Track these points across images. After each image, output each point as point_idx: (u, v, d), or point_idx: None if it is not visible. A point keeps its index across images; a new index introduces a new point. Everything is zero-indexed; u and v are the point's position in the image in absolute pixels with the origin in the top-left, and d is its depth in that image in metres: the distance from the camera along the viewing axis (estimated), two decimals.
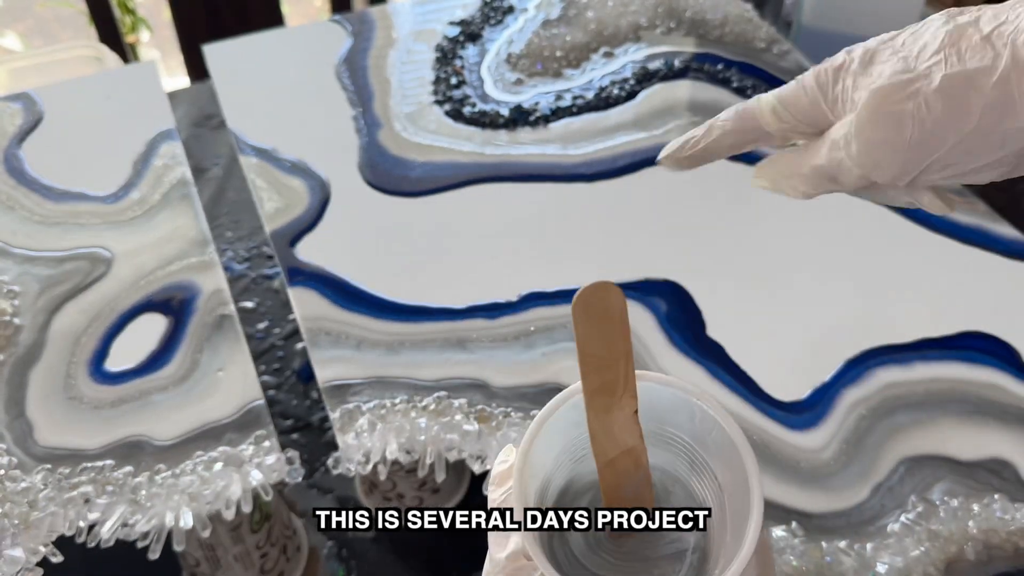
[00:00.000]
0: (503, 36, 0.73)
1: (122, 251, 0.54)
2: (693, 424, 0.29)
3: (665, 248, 0.54)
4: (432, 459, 0.44)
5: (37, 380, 0.47)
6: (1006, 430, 0.44)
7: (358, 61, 0.70)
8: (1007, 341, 0.48)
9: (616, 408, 0.27)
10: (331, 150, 0.62)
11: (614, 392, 0.27)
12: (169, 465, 0.43)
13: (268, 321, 0.67)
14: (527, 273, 0.52)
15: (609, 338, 0.26)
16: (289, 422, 0.60)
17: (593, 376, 0.27)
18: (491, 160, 0.61)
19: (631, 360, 0.27)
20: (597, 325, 0.26)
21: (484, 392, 0.46)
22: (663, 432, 0.30)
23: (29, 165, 0.61)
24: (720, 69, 0.68)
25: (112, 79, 0.70)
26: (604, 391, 0.27)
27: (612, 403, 0.27)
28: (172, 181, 0.59)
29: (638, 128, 0.63)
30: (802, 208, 0.56)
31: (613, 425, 0.27)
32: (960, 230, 0.54)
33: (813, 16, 0.77)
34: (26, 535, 0.41)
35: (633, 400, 0.27)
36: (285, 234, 0.55)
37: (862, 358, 0.47)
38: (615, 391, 0.27)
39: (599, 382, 0.27)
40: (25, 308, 0.51)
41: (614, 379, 0.27)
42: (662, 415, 0.29)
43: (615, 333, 0.26)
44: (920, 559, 0.40)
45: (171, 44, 1.53)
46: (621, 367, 0.27)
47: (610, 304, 0.26)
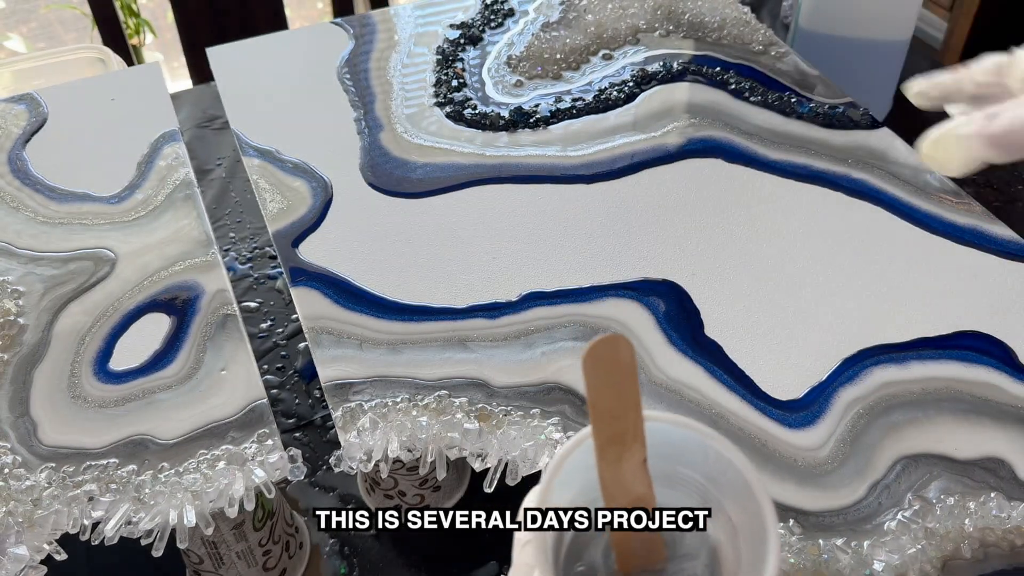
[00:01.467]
0: (503, 39, 0.73)
1: (126, 251, 0.55)
2: (707, 464, 0.29)
3: (663, 248, 0.54)
4: (433, 457, 0.44)
5: (41, 379, 0.47)
6: (1002, 429, 0.44)
7: (360, 64, 0.71)
8: (1003, 341, 0.48)
9: (627, 457, 0.28)
10: (333, 151, 0.62)
11: (624, 442, 0.27)
12: (172, 463, 0.43)
13: (271, 321, 0.67)
14: (527, 273, 0.53)
15: (619, 389, 0.27)
16: (291, 421, 0.60)
17: (604, 427, 0.27)
18: (491, 161, 0.61)
19: (640, 410, 0.28)
20: (607, 377, 0.27)
21: (484, 391, 0.46)
22: (675, 473, 0.30)
23: (33, 166, 0.61)
24: (718, 71, 0.68)
25: (116, 81, 0.71)
26: (615, 441, 0.27)
27: (623, 452, 0.28)
28: (175, 182, 0.59)
29: (637, 130, 0.63)
30: (800, 208, 0.57)
31: (624, 474, 0.28)
32: (956, 230, 0.55)
33: (810, 19, 0.77)
34: (30, 533, 0.41)
35: (642, 449, 0.28)
36: (288, 234, 0.56)
37: (859, 357, 0.48)
38: (625, 440, 0.27)
39: (610, 433, 0.27)
40: (29, 308, 0.51)
41: (624, 429, 0.27)
42: (675, 455, 0.29)
43: (625, 384, 0.27)
44: (917, 556, 0.40)
45: (174, 47, 1.54)
46: (631, 417, 0.27)
47: (620, 356, 0.26)
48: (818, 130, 0.63)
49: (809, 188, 0.58)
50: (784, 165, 0.60)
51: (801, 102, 0.65)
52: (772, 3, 1.00)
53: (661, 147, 0.62)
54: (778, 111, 0.65)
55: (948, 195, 0.57)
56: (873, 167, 0.60)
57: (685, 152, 0.61)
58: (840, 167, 0.60)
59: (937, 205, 0.57)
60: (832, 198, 0.58)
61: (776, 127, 0.63)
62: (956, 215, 0.56)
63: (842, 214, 0.56)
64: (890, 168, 0.60)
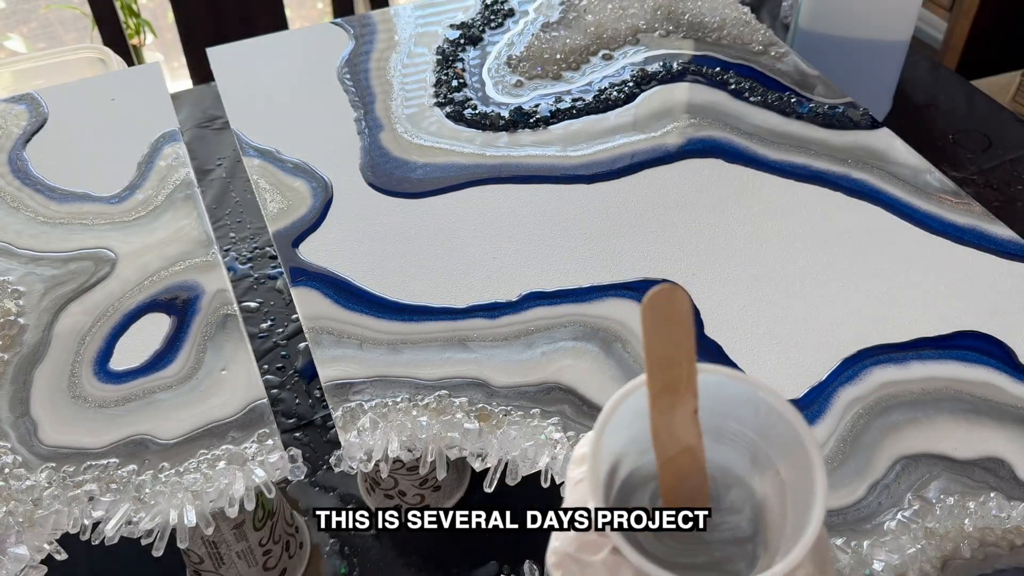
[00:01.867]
0: (503, 39, 0.73)
1: (126, 251, 0.55)
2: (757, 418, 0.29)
3: (664, 248, 0.54)
4: (433, 457, 0.44)
5: (42, 379, 0.47)
6: (1002, 429, 0.44)
7: (360, 64, 0.71)
8: (1003, 341, 0.48)
9: (679, 406, 0.28)
10: (333, 151, 0.62)
11: (677, 390, 0.28)
12: (173, 463, 0.43)
13: (271, 321, 0.67)
14: (527, 273, 0.53)
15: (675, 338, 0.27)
16: (292, 421, 0.60)
17: (658, 375, 0.28)
18: (491, 162, 0.61)
19: (694, 360, 0.28)
20: (664, 326, 0.27)
21: (484, 391, 0.46)
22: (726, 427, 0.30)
23: (34, 166, 0.62)
24: (718, 71, 0.68)
25: (116, 81, 0.71)
26: (668, 390, 0.28)
27: (675, 401, 0.28)
28: (176, 182, 0.59)
29: (637, 130, 0.63)
30: (800, 208, 0.57)
31: (675, 423, 0.28)
32: (956, 230, 0.55)
33: (810, 19, 0.77)
34: (30, 533, 0.41)
35: (694, 399, 0.28)
36: (288, 234, 0.56)
37: (858, 357, 0.48)
38: (678, 389, 0.28)
39: (664, 381, 0.28)
40: (30, 308, 0.51)
41: (677, 378, 0.28)
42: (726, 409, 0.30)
43: (681, 333, 0.27)
44: (916, 556, 0.40)
45: (174, 47, 1.54)
46: (684, 366, 0.28)
47: (677, 306, 0.27)
48: (818, 130, 0.63)
49: (809, 188, 0.58)
50: (784, 165, 0.60)
51: (801, 102, 0.65)
52: (772, 3, 1.01)
53: (661, 147, 0.62)
54: (778, 111, 0.65)
55: (948, 195, 0.57)
56: (873, 167, 0.60)
57: (685, 152, 0.61)
58: (840, 167, 0.60)
59: (937, 205, 0.57)
60: (832, 198, 0.58)
61: (776, 127, 0.63)
62: (956, 215, 0.56)
63: (842, 214, 0.56)
64: (890, 168, 0.60)
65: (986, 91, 0.88)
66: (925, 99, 0.87)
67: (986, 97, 0.87)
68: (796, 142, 0.62)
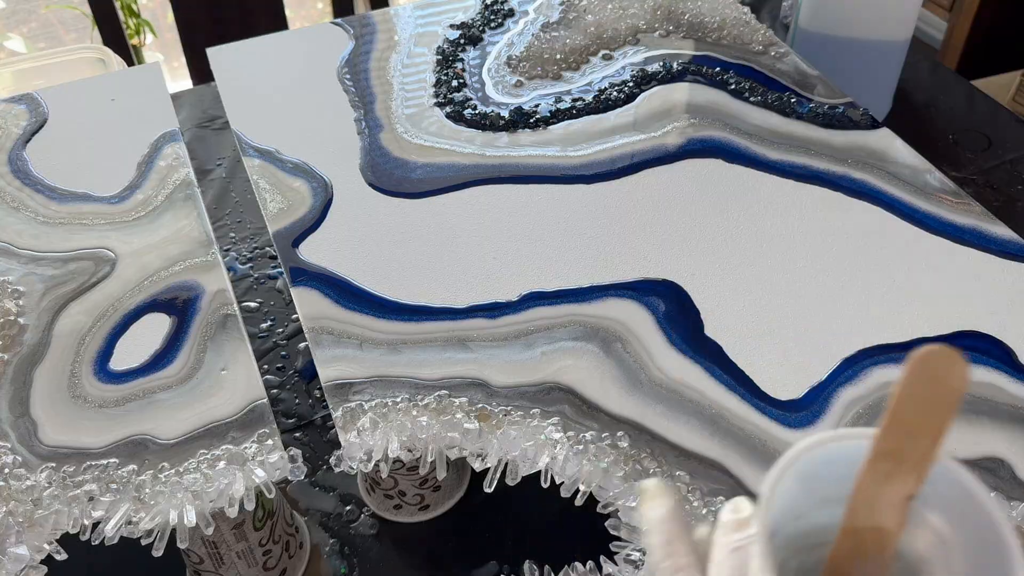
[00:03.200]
0: (503, 39, 0.73)
1: (126, 251, 0.55)
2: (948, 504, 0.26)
3: (663, 248, 0.54)
4: (433, 457, 0.44)
5: (42, 379, 0.47)
6: (1002, 429, 0.44)
7: (360, 64, 0.71)
8: (1003, 341, 0.48)
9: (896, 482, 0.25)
10: (333, 152, 0.62)
11: (902, 463, 0.25)
12: (173, 463, 0.43)
13: (271, 321, 0.67)
14: (527, 273, 0.53)
15: (932, 408, 0.24)
16: (292, 421, 0.60)
17: (891, 437, 0.25)
18: (491, 162, 0.61)
19: (940, 442, 0.25)
20: (927, 389, 0.24)
21: (484, 391, 0.46)
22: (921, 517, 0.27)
23: (34, 166, 0.62)
24: (718, 71, 0.68)
25: (116, 81, 0.71)
26: (893, 457, 0.25)
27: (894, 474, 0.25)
28: (176, 182, 0.59)
29: (637, 130, 0.63)
30: (800, 208, 0.57)
31: (881, 496, 0.25)
32: (956, 230, 0.55)
33: (810, 19, 0.77)
34: (30, 533, 0.41)
35: (916, 484, 0.25)
36: (288, 235, 0.56)
37: (858, 357, 0.48)
38: (904, 463, 0.25)
39: (894, 445, 0.25)
40: (30, 308, 0.51)
41: (911, 452, 0.25)
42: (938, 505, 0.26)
43: (942, 407, 0.24)
44: None
45: (174, 47, 1.54)
46: (926, 445, 0.25)
47: (952, 377, 0.24)
48: (818, 130, 0.63)
49: (809, 188, 0.58)
50: (784, 165, 0.60)
51: (801, 102, 0.65)
52: (772, 3, 1.01)
53: (661, 147, 0.62)
54: (778, 111, 0.65)
55: (948, 195, 0.57)
56: (873, 167, 0.60)
57: (685, 152, 0.61)
58: (840, 167, 0.60)
59: (937, 205, 0.57)
60: (832, 198, 0.58)
61: (776, 127, 0.63)
62: (956, 215, 0.56)
63: (842, 214, 0.56)
64: (890, 168, 0.60)
65: (986, 91, 0.88)
66: (925, 99, 0.87)
67: (986, 97, 0.87)
68: (796, 142, 0.62)
